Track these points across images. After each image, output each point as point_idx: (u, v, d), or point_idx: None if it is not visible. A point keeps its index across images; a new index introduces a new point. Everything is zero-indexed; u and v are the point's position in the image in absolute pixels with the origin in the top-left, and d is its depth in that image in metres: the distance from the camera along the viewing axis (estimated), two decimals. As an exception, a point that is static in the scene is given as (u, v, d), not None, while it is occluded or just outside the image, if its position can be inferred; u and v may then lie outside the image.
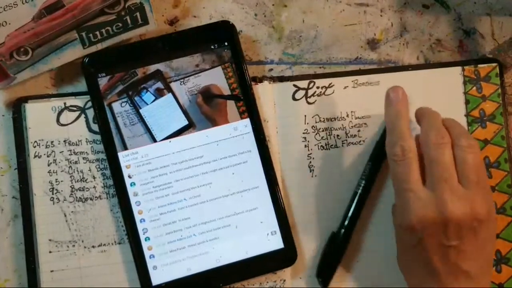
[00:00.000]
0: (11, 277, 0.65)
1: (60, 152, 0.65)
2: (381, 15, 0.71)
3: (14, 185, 0.65)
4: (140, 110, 0.65)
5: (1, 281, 0.65)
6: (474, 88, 0.69)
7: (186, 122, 0.65)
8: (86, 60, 0.64)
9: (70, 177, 0.65)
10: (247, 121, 0.65)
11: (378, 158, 0.66)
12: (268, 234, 0.65)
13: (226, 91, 0.65)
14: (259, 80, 0.67)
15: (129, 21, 0.63)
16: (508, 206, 0.68)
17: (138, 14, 0.63)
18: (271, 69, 0.69)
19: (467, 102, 0.69)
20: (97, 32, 0.62)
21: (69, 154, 0.65)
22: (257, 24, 0.69)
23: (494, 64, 0.69)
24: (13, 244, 0.65)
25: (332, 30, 0.70)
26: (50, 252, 0.64)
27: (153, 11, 0.63)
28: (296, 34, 0.70)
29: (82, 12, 0.61)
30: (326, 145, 0.67)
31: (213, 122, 0.65)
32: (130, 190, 0.64)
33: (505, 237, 0.68)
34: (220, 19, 0.68)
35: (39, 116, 0.65)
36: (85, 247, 0.65)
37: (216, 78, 0.66)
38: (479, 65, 0.69)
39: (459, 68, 0.69)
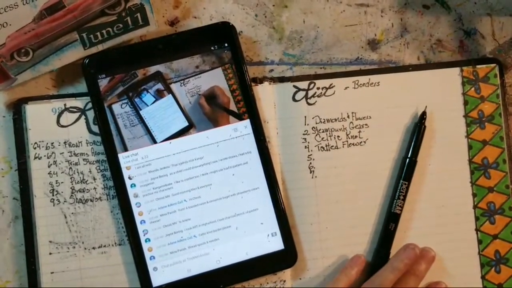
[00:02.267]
0: (12, 278, 0.65)
1: (61, 154, 0.65)
2: (381, 16, 0.71)
3: (15, 186, 0.65)
4: (140, 112, 0.65)
5: (1, 283, 0.65)
6: (473, 89, 0.69)
7: (186, 124, 0.65)
8: (86, 62, 0.64)
9: (71, 178, 0.65)
10: (247, 122, 0.65)
11: (411, 175, 0.67)
12: (268, 235, 0.65)
13: (227, 92, 0.65)
14: (259, 81, 0.68)
15: (129, 22, 0.63)
16: (506, 206, 0.68)
17: (138, 15, 0.62)
18: (272, 70, 0.69)
19: (465, 103, 0.69)
20: (98, 33, 0.62)
21: (69, 156, 0.65)
22: (258, 24, 0.69)
23: (492, 65, 0.70)
24: (13, 245, 0.65)
25: (333, 30, 0.70)
26: (50, 253, 0.64)
27: (154, 12, 0.63)
28: (296, 35, 0.70)
29: (83, 13, 0.61)
30: (326, 146, 0.68)
31: (215, 123, 0.65)
32: (131, 192, 0.64)
33: (504, 237, 0.68)
34: (221, 20, 0.68)
35: (39, 118, 0.65)
36: (85, 248, 0.65)
37: (216, 79, 0.66)
38: (478, 66, 0.70)
39: (457, 69, 0.70)
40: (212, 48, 0.66)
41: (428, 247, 0.66)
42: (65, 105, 0.65)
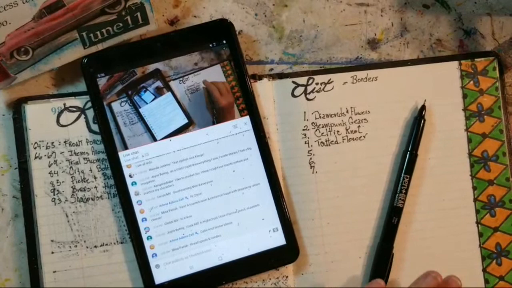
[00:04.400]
0: (12, 276, 0.65)
1: (61, 153, 0.65)
2: (381, 15, 0.71)
3: (14, 185, 0.66)
4: (140, 109, 0.65)
5: (1, 281, 0.65)
6: (472, 82, 0.69)
7: (186, 121, 0.65)
8: (85, 61, 0.64)
9: (71, 177, 0.65)
10: (247, 119, 0.66)
11: (412, 168, 0.67)
12: (270, 231, 0.65)
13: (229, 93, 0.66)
14: (258, 77, 0.68)
15: (129, 21, 0.63)
16: (507, 199, 0.68)
17: (138, 14, 0.63)
18: (272, 69, 0.70)
19: (464, 96, 0.69)
20: (98, 32, 0.62)
21: (70, 155, 0.65)
22: (258, 24, 0.70)
23: (491, 58, 0.70)
24: (13, 244, 0.65)
25: (333, 30, 0.70)
26: (52, 252, 0.64)
27: (154, 11, 0.63)
28: (296, 34, 0.70)
29: (83, 11, 0.61)
30: (326, 141, 0.68)
31: (221, 114, 0.66)
32: (131, 190, 0.64)
33: (505, 230, 0.68)
34: (220, 19, 0.68)
35: (39, 117, 0.65)
36: (87, 247, 0.65)
37: (215, 76, 0.66)
38: (476, 59, 0.70)
39: (456, 63, 0.70)
40: (211, 45, 0.66)
41: (454, 276, 0.62)
42: (64, 104, 0.66)
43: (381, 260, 0.66)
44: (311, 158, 0.67)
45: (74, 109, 0.66)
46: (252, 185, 0.65)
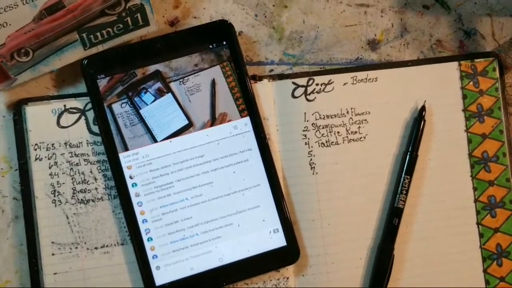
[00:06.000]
0: (12, 278, 0.65)
1: (61, 155, 0.65)
2: (381, 16, 0.71)
3: (14, 186, 0.65)
4: (140, 111, 0.65)
5: (2, 282, 0.65)
6: (471, 82, 0.69)
7: (186, 122, 0.65)
8: (85, 62, 0.64)
9: (72, 179, 0.65)
10: (247, 120, 0.66)
11: (413, 169, 0.67)
12: (270, 232, 0.65)
13: (225, 89, 0.66)
14: (258, 78, 0.68)
15: (130, 22, 0.63)
16: (507, 200, 0.68)
17: (138, 15, 0.63)
18: (272, 70, 0.70)
19: (464, 97, 0.69)
20: (98, 34, 0.62)
21: (70, 156, 0.65)
22: (258, 24, 0.70)
23: (491, 59, 0.70)
24: (13, 245, 0.65)
25: (333, 30, 0.70)
26: (53, 254, 0.64)
27: (154, 12, 0.63)
28: (296, 35, 0.70)
29: (83, 13, 0.61)
30: (326, 142, 0.68)
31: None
32: (132, 191, 0.64)
33: (505, 230, 0.68)
34: (220, 20, 0.68)
35: (40, 119, 0.65)
36: (87, 248, 0.65)
37: (215, 77, 0.66)
38: (476, 60, 0.70)
39: (456, 63, 0.70)
40: (211, 46, 0.66)
41: None
42: (65, 106, 0.66)
43: (382, 261, 0.66)
44: (311, 159, 0.67)
45: (75, 110, 0.66)
46: (252, 186, 0.65)
